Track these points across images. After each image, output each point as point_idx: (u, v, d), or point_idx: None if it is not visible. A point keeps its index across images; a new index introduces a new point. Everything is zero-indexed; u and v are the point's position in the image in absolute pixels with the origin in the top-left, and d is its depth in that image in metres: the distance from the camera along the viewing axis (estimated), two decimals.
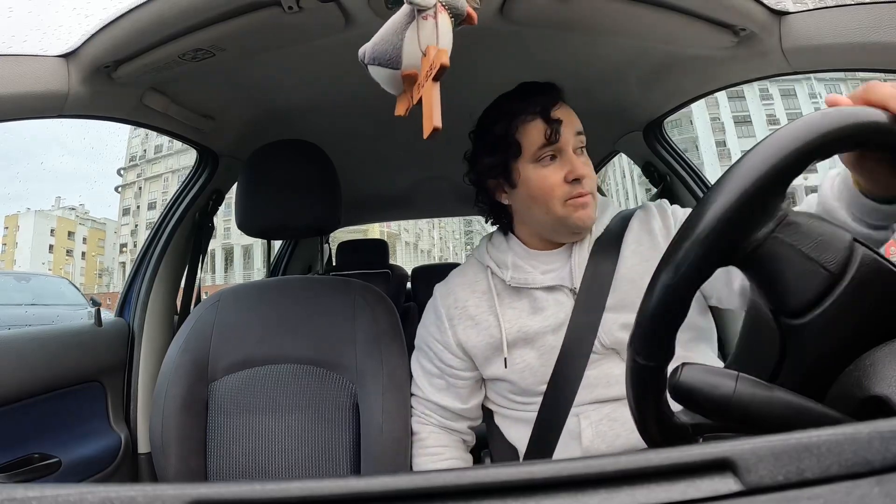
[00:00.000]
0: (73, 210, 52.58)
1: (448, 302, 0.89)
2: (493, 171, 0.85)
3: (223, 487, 0.24)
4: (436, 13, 0.47)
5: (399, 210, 2.38)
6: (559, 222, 0.81)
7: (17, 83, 0.74)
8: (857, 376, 0.35)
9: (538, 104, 0.80)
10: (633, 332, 0.41)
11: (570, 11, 0.77)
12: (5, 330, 0.97)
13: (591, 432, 0.78)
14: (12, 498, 0.22)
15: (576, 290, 0.82)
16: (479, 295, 0.87)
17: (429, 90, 0.45)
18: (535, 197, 0.81)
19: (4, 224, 48.61)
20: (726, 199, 0.37)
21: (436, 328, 0.90)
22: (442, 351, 0.89)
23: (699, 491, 0.23)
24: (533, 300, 0.84)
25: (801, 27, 0.78)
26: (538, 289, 0.83)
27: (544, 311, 0.83)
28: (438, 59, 0.44)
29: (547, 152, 0.80)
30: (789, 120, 0.38)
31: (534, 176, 0.80)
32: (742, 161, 0.38)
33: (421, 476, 0.25)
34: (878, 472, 0.23)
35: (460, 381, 0.89)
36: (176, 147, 35.87)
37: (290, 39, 0.83)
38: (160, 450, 0.91)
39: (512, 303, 0.85)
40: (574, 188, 0.79)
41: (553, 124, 0.79)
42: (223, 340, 0.97)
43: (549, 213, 0.80)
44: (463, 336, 0.86)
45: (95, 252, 49.82)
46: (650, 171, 1.39)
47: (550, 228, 0.83)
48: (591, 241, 0.85)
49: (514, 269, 0.85)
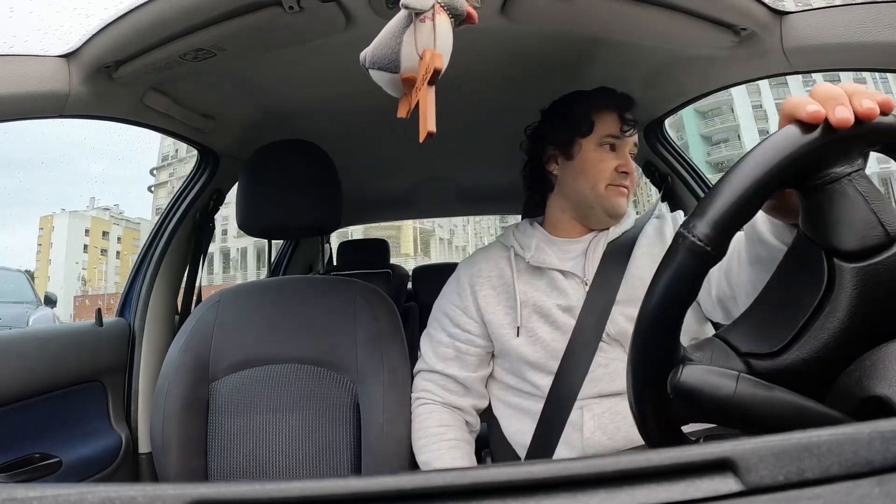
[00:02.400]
0: (108, 210, 52.41)
1: (471, 272, 0.95)
2: (557, 140, 0.94)
3: (224, 487, 0.24)
4: (434, 15, 0.47)
5: (400, 210, 2.38)
6: (598, 199, 0.90)
7: (18, 83, 0.74)
8: (857, 376, 0.35)
9: (620, 104, 0.92)
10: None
11: (571, 11, 0.77)
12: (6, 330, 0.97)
13: (592, 424, 0.80)
14: (13, 498, 0.22)
15: (588, 281, 0.88)
16: (501, 269, 0.94)
17: (424, 94, 0.45)
18: (587, 171, 0.91)
19: (39, 225, 48.60)
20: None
21: (456, 295, 0.95)
22: (460, 315, 0.93)
23: (700, 491, 0.23)
24: (550, 280, 0.89)
25: (802, 27, 0.78)
26: (556, 270, 0.90)
27: (560, 292, 0.88)
28: (433, 62, 0.44)
29: (610, 141, 0.91)
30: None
31: (593, 155, 0.91)
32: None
33: (421, 476, 0.25)
34: (879, 472, 0.23)
35: (472, 349, 0.92)
36: None
37: (291, 39, 0.83)
38: (161, 450, 0.91)
39: (530, 279, 0.91)
40: (621, 178, 0.90)
41: (627, 123, 0.91)
42: (224, 340, 0.97)
43: (594, 189, 0.90)
44: (483, 302, 0.92)
45: (129, 251, 49.87)
46: (651, 171, 1.39)
47: (587, 204, 0.92)
48: (606, 241, 0.91)
49: (536, 250, 0.91)
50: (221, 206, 1.36)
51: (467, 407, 0.93)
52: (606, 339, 0.83)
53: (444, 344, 0.93)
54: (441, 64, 0.44)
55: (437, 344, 0.94)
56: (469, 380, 0.92)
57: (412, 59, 0.48)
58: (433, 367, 0.93)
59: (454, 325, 0.93)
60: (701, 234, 0.38)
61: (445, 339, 0.94)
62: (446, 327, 0.94)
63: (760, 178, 0.38)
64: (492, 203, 2.24)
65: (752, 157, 0.39)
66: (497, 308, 0.91)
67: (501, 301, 0.91)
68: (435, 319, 0.98)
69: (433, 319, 0.98)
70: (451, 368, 0.92)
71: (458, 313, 0.94)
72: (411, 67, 0.48)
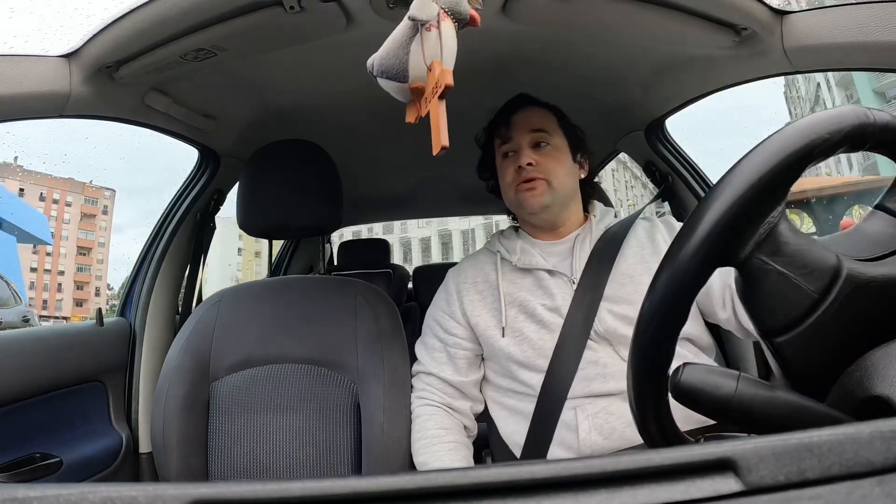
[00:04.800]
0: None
1: (459, 279, 0.99)
2: (488, 170, 1.04)
3: (224, 487, 0.24)
4: (438, 22, 0.47)
5: (401, 210, 2.39)
6: (516, 205, 0.96)
7: (19, 83, 0.74)
8: (857, 376, 0.35)
9: (500, 115, 0.99)
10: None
11: (572, 11, 0.77)
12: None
13: (587, 424, 0.80)
14: (13, 498, 0.22)
15: (575, 280, 0.89)
16: (487, 273, 0.97)
17: (435, 108, 0.45)
18: (503, 186, 0.98)
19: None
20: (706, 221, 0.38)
21: (444, 302, 0.99)
22: (448, 321, 0.96)
23: (700, 491, 0.23)
24: (537, 280, 0.91)
25: (803, 27, 0.78)
26: (542, 270, 0.91)
27: (547, 291, 0.89)
28: (443, 79, 0.45)
29: (505, 150, 0.96)
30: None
31: (500, 169, 0.98)
32: (713, 191, 0.39)
33: (421, 476, 0.25)
34: (880, 472, 0.23)
35: (461, 352, 0.94)
36: None
37: (292, 39, 0.83)
38: (161, 449, 0.91)
39: (516, 280, 0.93)
40: (520, 174, 0.93)
41: (506, 124, 0.96)
42: (224, 340, 0.97)
43: (508, 198, 0.97)
44: (469, 307, 0.94)
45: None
46: (652, 171, 1.39)
47: (515, 212, 1.00)
48: (592, 240, 0.92)
49: (521, 252, 0.94)
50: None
51: (465, 409, 0.93)
52: (594, 337, 0.84)
53: (437, 349, 0.96)
54: (451, 81, 0.45)
55: (431, 350, 0.97)
56: (463, 384, 0.93)
57: (420, 69, 0.49)
58: (429, 370, 0.95)
59: (444, 330, 0.96)
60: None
61: (437, 345, 0.96)
62: (437, 333, 0.97)
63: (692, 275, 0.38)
64: (492, 203, 2.23)
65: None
66: (483, 311, 0.93)
67: (487, 304, 0.93)
68: (427, 326, 1.00)
69: (426, 327, 1.01)
70: (446, 372, 0.94)
71: (447, 319, 0.96)
72: (419, 77, 0.49)
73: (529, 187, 0.92)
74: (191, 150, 1.24)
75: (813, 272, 0.37)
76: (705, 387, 0.37)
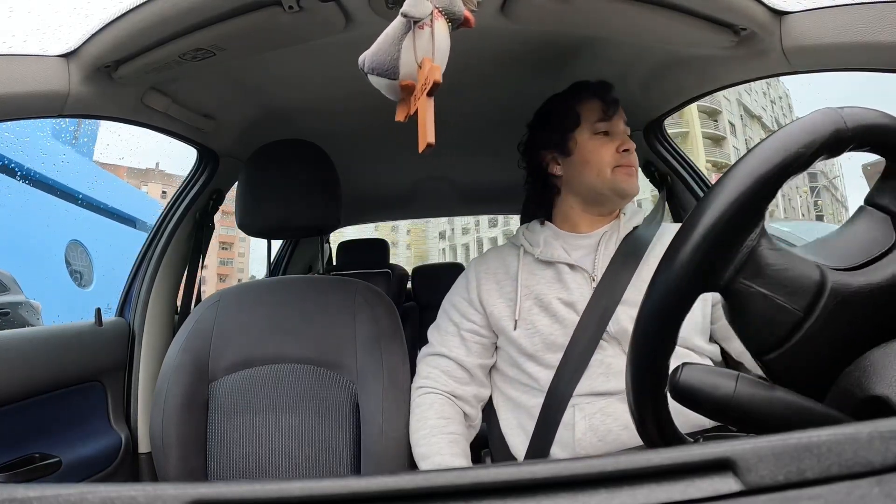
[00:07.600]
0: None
1: (480, 267, 0.99)
2: (549, 142, 0.96)
3: (224, 487, 0.24)
4: (432, 20, 0.47)
5: (400, 210, 2.38)
6: (607, 184, 0.91)
7: (17, 83, 0.74)
8: (856, 376, 0.35)
9: (597, 90, 0.94)
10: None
11: (571, 11, 0.77)
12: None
13: (584, 425, 0.80)
14: (13, 498, 0.22)
15: (595, 277, 0.88)
16: (508, 265, 0.96)
17: (423, 105, 0.45)
18: (590, 160, 0.92)
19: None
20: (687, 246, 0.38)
21: (463, 288, 0.99)
22: (466, 306, 0.96)
23: (700, 491, 0.23)
24: (557, 273, 0.91)
25: (802, 27, 0.78)
26: (563, 264, 0.91)
27: (565, 285, 0.89)
28: (432, 75, 0.45)
29: (602, 127, 0.92)
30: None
31: (590, 144, 0.92)
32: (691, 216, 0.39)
33: (421, 476, 0.25)
34: (879, 472, 0.23)
35: (475, 337, 0.94)
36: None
37: (291, 39, 0.83)
38: (161, 449, 0.91)
39: (535, 271, 0.92)
40: (623, 157, 0.91)
41: (610, 103, 0.93)
42: (224, 340, 0.97)
43: (601, 176, 0.91)
44: (486, 295, 0.94)
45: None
46: (651, 171, 1.39)
47: (597, 192, 0.93)
48: (618, 238, 0.92)
49: (544, 245, 0.94)
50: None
51: (469, 396, 0.93)
52: (606, 338, 0.84)
53: (451, 333, 0.96)
54: (440, 77, 0.45)
55: (444, 333, 0.97)
56: (473, 366, 0.93)
57: (411, 67, 0.48)
58: (439, 351, 0.95)
59: (460, 314, 0.96)
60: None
61: (451, 328, 0.96)
62: (453, 317, 0.97)
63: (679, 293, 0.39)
64: (492, 203, 2.24)
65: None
66: (498, 301, 0.93)
67: (504, 294, 0.93)
68: (443, 311, 1.01)
69: (442, 312, 1.01)
70: (456, 350, 0.94)
71: (465, 304, 0.97)
72: (410, 74, 0.49)
73: (629, 171, 0.91)
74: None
75: (796, 291, 0.37)
76: (704, 387, 0.37)
